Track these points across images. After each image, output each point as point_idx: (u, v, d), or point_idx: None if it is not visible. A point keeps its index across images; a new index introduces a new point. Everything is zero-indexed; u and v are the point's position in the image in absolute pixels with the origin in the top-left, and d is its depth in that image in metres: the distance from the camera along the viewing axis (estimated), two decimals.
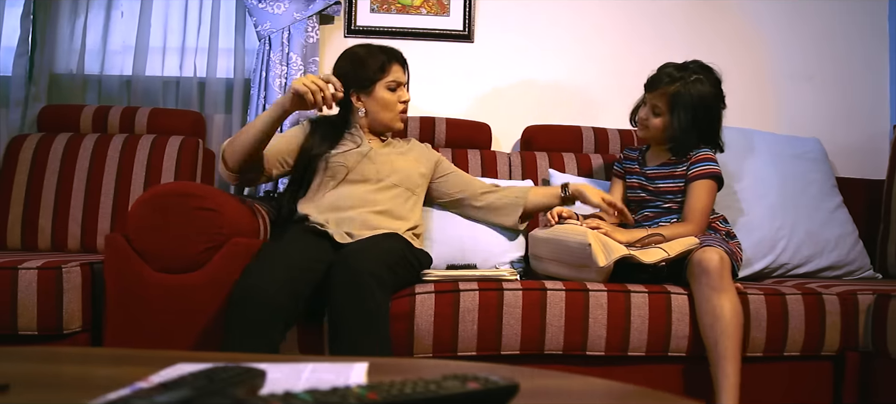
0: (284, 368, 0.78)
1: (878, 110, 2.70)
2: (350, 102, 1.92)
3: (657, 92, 1.93)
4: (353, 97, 1.91)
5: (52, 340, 1.66)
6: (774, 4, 2.67)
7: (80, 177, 2.23)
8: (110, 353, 0.92)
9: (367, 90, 1.91)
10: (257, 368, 0.71)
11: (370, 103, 1.91)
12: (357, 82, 1.90)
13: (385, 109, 1.91)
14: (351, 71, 1.89)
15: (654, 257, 1.68)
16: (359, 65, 1.89)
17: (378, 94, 1.90)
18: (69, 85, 2.51)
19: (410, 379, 0.66)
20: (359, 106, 1.91)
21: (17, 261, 1.67)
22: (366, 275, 1.41)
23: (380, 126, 1.94)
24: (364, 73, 1.89)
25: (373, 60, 1.89)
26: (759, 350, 1.68)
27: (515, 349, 1.63)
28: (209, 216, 1.65)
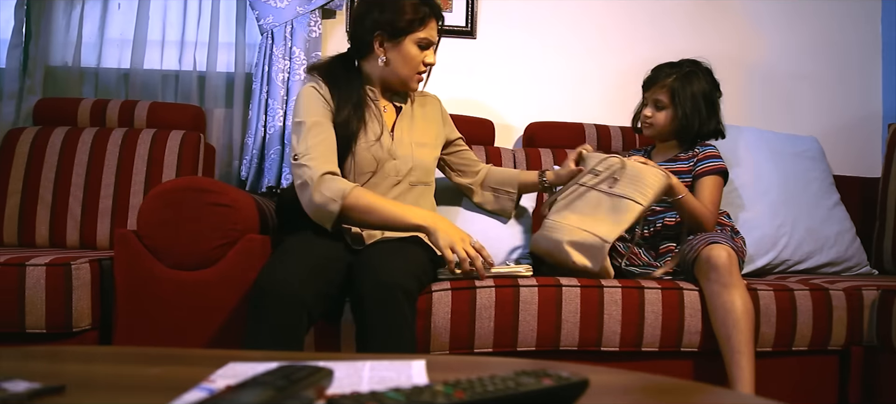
0: (343, 366, 0.78)
1: (870, 109, 2.75)
2: (367, 47, 1.72)
3: (657, 86, 1.99)
4: (375, 42, 1.70)
5: (60, 338, 1.63)
6: (773, 5, 2.71)
7: (79, 172, 2.19)
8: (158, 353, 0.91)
9: (395, 40, 1.68)
10: (325, 367, 0.70)
11: (394, 55, 1.70)
12: (386, 27, 1.67)
13: (407, 65, 1.70)
14: (381, 14, 1.67)
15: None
16: (393, 8, 1.66)
17: (406, 48, 1.69)
18: (65, 77, 2.46)
19: (487, 377, 0.67)
20: (380, 54, 1.70)
21: (24, 257, 1.64)
22: (396, 290, 1.39)
23: (395, 81, 1.75)
24: (397, 20, 1.66)
25: (411, 8, 1.66)
26: (768, 345, 1.71)
27: (531, 345, 1.64)
28: (224, 212, 1.63)
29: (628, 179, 1.73)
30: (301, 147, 1.60)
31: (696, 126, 1.96)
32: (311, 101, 1.67)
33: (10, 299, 1.59)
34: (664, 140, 2.04)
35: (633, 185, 1.72)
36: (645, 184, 1.71)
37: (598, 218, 1.72)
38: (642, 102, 2.07)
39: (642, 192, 1.70)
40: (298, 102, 1.70)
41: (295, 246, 1.54)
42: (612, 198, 1.73)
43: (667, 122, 1.98)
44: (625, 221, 1.70)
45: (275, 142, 2.33)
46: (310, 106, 1.66)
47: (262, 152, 2.35)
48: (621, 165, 1.75)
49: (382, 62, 1.71)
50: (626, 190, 1.72)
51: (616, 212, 1.71)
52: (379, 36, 1.70)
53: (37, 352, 0.92)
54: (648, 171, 1.74)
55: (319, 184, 1.54)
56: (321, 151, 1.60)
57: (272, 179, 2.31)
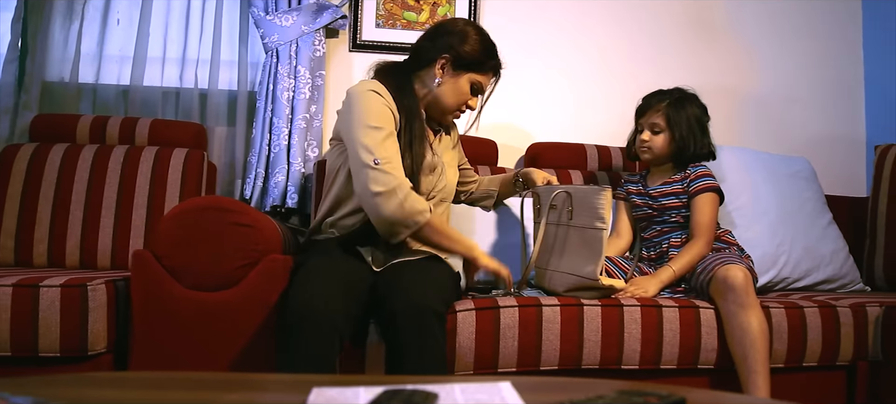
0: (433, 389, 0.78)
1: (854, 132, 2.85)
2: (428, 63, 1.77)
3: (651, 112, 2.06)
4: (439, 62, 1.75)
5: (75, 363, 1.59)
6: (765, 33, 2.79)
7: (79, 190, 2.15)
8: (230, 378, 0.89)
9: (457, 70, 1.75)
10: (430, 390, 0.71)
11: (449, 82, 1.76)
12: (455, 55, 1.74)
13: (455, 97, 1.77)
14: (458, 42, 1.75)
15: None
16: (467, 42, 1.75)
17: (461, 81, 1.76)
18: (62, 93, 2.41)
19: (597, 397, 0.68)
20: (437, 74, 1.75)
21: (37, 278, 1.59)
22: (429, 314, 1.40)
23: (438, 109, 1.80)
24: (468, 54, 1.74)
25: (485, 54, 1.77)
26: (780, 361, 1.75)
27: (554, 364, 1.65)
28: (245, 232, 1.61)
29: (579, 207, 1.73)
30: (382, 152, 1.59)
31: (692, 148, 2.01)
32: (383, 109, 1.66)
33: (23, 322, 1.54)
34: (660, 163, 2.09)
35: (587, 213, 1.71)
36: (594, 207, 1.69)
37: (576, 254, 1.73)
38: (636, 129, 2.13)
39: (598, 216, 1.68)
40: (367, 105, 1.65)
41: (320, 267, 1.52)
42: (577, 230, 1.74)
43: (664, 146, 2.04)
44: (599, 251, 1.68)
45: (280, 161, 2.31)
46: (383, 114, 1.65)
47: (266, 171, 2.33)
48: (567, 195, 1.77)
49: (437, 83, 1.76)
50: (583, 219, 1.72)
51: (587, 244, 1.71)
52: (445, 58, 1.76)
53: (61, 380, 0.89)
54: (590, 192, 1.71)
55: (410, 195, 1.58)
56: (399, 164, 1.61)
57: (277, 199, 2.30)
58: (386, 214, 1.57)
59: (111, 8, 2.47)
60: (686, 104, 2.05)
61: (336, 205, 1.76)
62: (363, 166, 1.59)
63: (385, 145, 1.61)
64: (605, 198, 1.67)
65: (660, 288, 1.84)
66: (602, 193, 1.67)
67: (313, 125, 2.39)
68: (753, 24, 2.80)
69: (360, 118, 1.64)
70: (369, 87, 1.70)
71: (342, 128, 1.72)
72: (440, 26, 1.83)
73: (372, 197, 1.57)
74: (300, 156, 2.33)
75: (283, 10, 2.38)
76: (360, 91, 1.69)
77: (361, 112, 1.65)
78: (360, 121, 1.63)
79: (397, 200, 1.56)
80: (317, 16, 2.41)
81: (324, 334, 1.34)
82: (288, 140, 2.34)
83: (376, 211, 1.58)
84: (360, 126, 1.63)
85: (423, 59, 1.80)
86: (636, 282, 1.84)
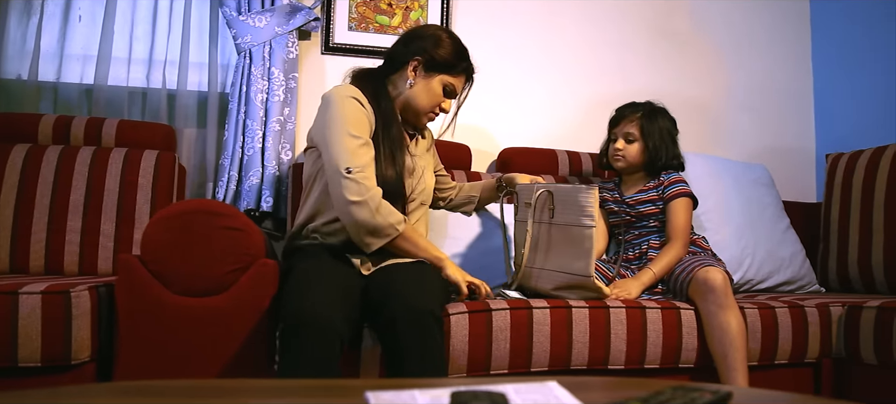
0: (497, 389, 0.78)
1: (804, 140, 3.00)
2: (400, 66, 1.80)
3: (625, 122, 2.14)
4: (411, 65, 1.78)
5: (57, 373, 1.52)
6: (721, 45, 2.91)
7: (43, 193, 2.06)
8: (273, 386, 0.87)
9: (428, 72, 1.78)
10: (496, 391, 0.72)
11: (421, 84, 1.79)
12: (426, 57, 1.77)
13: (427, 98, 1.79)
14: (430, 45, 1.78)
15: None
16: (438, 44, 1.78)
17: (433, 83, 1.79)
18: (20, 92, 2.31)
19: (655, 393, 0.70)
20: (410, 76, 1.78)
21: (14, 284, 1.52)
22: (428, 317, 1.41)
23: (411, 110, 1.82)
24: (438, 57, 1.77)
25: (456, 56, 1.80)
26: (754, 359, 1.82)
27: (544, 366, 1.68)
28: (236, 236, 1.59)
29: (563, 205, 1.76)
30: (357, 160, 1.59)
31: (663, 158, 2.09)
32: (360, 116, 1.67)
33: (2, 331, 1.47)
34: (633, 172, 2.16)
35: (572, 211, 1.74)
36: (579, 205, 1.72)
37: (563, 252, 1.76)
38: (609, 138, 2.19)
39: (586, 213, 1.71)
40: (344, 111, 1.65)
41: (316, 273, 1.51)
42: (561, 228, 1.76)
43: (637, 155, 2.11)
44: (588, 248, 1.71)
45: (254, 164, 2.27)
46: (360, 121, 1.66)
47: (239, 174, 2.28)
48: (548, 194, 1.79)
49: (409, 85, 1.78)
50: (568, 217, 1.75)
51: (574, 242, 1.73)
52: (416, 61, 1.79)
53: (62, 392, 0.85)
54: (575, 191, 1.73)
55: (382, 206, 1.59)
56: (372, 173, 1.61)
57: (252, 202, 2.25)
58: (359, 221, 1.58)
59: (72, 4, 2.37)
60: (658, 116, 2.13)
61: (316, 212, 1.76)
62: (337, 173, 1.60)
63: (359, 153, 1.62)
64: (592, 197, 1.70)
65: (642, 290, 1.90)
66: (590, 192, 1.71)
67: (286, 128, 2.36)
68: (713, 33, 2.91)
69: (337, 124, 1.65)
70: (347, 93, 1.70)
71: (317, 133, 1.72)
72: (413, 31, 1.87)
73: (346, 204, 1.59)
74: (274, 159, 2.30)
75: (256, 10, 2.34)
76: (336, 96, 1.69)
77: (338, 118, 1.65)
78: (337, 128, 1.64)
79: (369, 210, 1.58)
80: (290, 17, 2.38)
81: (327, 339, 1.33)
82: (262, 142, 2.30)
83: (350, 218, 1.59)
84: (336, 132, 1.64)
85: (396, 62, 1.83)
86: (619, 284, 1.89)
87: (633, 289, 1.87)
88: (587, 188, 1.71)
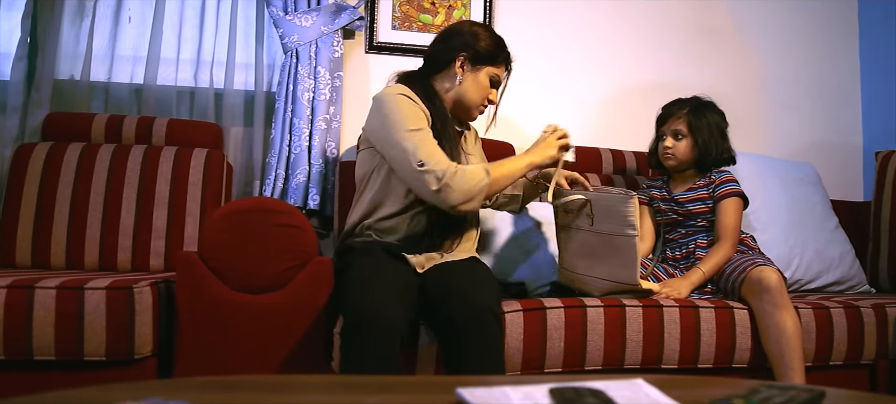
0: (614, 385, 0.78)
1: (851, 137, 2.95)
2: (446, 64, 1.83)
3: (673, 119, 2.11)
4: (457, 62, 1.81)
5: (121, 367, 1.55)
6: (765, 36, 2.88)
7: (97, 190, 2.10)
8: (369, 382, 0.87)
9: (475, 66, 1.82)
10: (598, 388, 0.72)
11: (470, 78, 1.82)
12: (471, 52, 1.81)
13: (477, 92, 1.83)
14: (471, 39, 1.81)
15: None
16: (479, 39, 1.82)
17: (481, 76, 1.82)
18: (72, 92, 2.35)
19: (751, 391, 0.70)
20: (458, 73, 1.81)
21: (80, 280, 1.56)
22: (488, 315, 1.42)
23: (462, 106, 1.84)
24: (482, 48, 1.81)
25: (496, 46, 1.84)
26: (809, 360, 1.80)
27: (598, 364, 1.67)
28: (293, 233, 1.61)
29: (603, 214, 1.72)
30: (423, 154, 1.60)
31: (714, 153, 2.07)
32: (415, 110, 1.69)
33: (68, 325, 1.51)
34: (683, 170, 2.14)
35: (614, 221, 1.70)
36: (620, 214, 1.68)
37: (609, 261, 1.73)
38: (658, 137, 2.17)
39: (627, 223, 1.68)
40: (401, 108, 1.67)
41: (375, 271, 1.51)
42: (604, 237, 1.73)
43: (687, 151, 2.09)
44: (633, 257, 1.69)
45: (301, 162, 2.29)
46: (416, 115, 1.67)
47: (286, 172, 2.31)
48: (585, 202, 1.75)
49: (459, 81, 1.81)
50: (609, 226, 1.71)
51: (619, 251, 1.70)
52: (462, 57, 1.81)
53: (214, 384, 0.87)
54: (615, 201, 1.70)
55: (460, 174, 1.59)
56: (440, 152, 1.63)
57: (299, 200, 2.28)
58: (453, 203, 1.59)
59: (123, 6, 2.41)
60: (706, 111, 2.11)
61: (373, 208, 1.76)
62: (412, 172, 1.61)
63: (425, 143, 1.63)
64: (633, 206, 1.67)
65: (691, 289, 1.88)
66: (629, 201, 1.67)
67: (332, 126, 2.38)
68: (755, 29, 2.87)
69: (397, 123, 1.65)
70: (398, 90, 1.72)
71: (374, 133, 1.73)
72: (448, 30, 1.90)
73: (433, 196, 1.59)
74: (321, 158, 2.32)
75: (302, 10, 2.36)
76: (389, 95, 1.70)
77: (397, 116, 1.66)
78: (398, 127, 1.65)
79: (453, 188, 1.58)
80: (335, 16, 2.39)
81: (388, 336, 1.34)
82: (308, 141, 2.32)
83: (444, 205, 1.60)
84: (398, 132, 1.64)
85: (439, 62, 1.84)
86: (669, 284, 1.88)
87: (683, 288, 1.86)
88: (626, 197, 1.67)
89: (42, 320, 1.50)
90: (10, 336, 1.49)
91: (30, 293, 1.51)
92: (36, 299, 1.51)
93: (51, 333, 1.50)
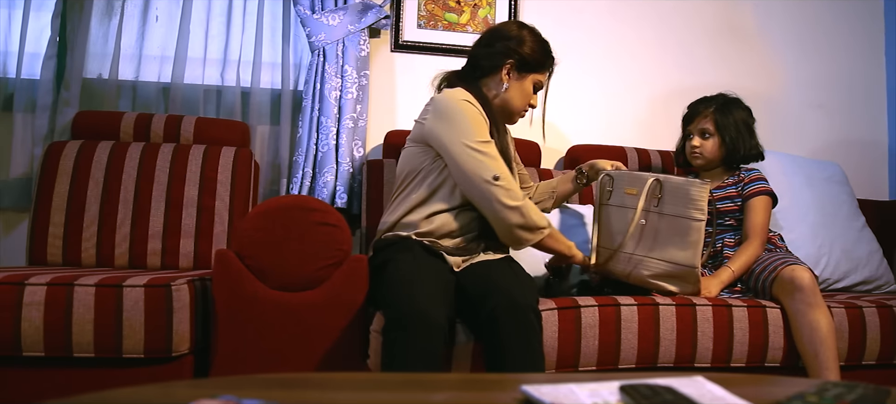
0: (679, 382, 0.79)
1: (876, 136, 2.94)
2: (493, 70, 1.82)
3: (700, 118, 2.11)
4: (505, 68, 1.81)
5: (159, 364, 1.56)
6: (789, 35, 2.87)
7: (127, 189, 2.11)
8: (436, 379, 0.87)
9: (522, 73, 1.82)
10: (668, 385, 0.72)
11: (516, 85, 1.82)
12: (519, 59, 1.81)
13: (522, 99, 1.84)
14: (517, 45, 1.81)
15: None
16: (526, 45, 1.82)
17: (526, 83, 1.83)
18: (100, 90, 2.37)
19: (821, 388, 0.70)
20: (505, 80, 1.81)
21: (119, 277, 1.57)
22: (529, 312, 1.43)
23: (507, 112, 1.85)
24: (530, 57, 1.81)
25: (542, 53, 1.84)
26: (841, 360, 1.79)
27: (632, 363, 1.68)
28: (331, 231, 1.61)
29: (672, 196, 1.73)
30: (500, 168, 1.65)
31: (742, 150, 2.07)
32: (480, 121, 1.70)
33: (107, 323, 1.52)
34: (711, 168, 2.14)
35: (681, 202, 1.71)
36: (691, 198, 1.69)
37: (668, 241, 1.73)
38: (685, 135, 2.17)
39: (697, 207, 1.68)
40: (472, 118, 1.67)
41: (411, 269, 1.51)
42: (667, 219, 1.74)
43: (714, 149, 2.09)
44: (696, 241, 1.70)
45: (329, 160, 2.30)
46: (482, 126, 1.69)
47: (314, 171, 2.31)
48: (658, 183, 1.76)
49: (505, 88, 1.81)
50: (677, 208, 1.72)
51: (681, 233, 1.71)
52: (510, 63, 1.81)
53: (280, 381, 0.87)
54: (687, 184, 1.71)
55: (531, 208, 1.67)
56: (513, 178, 1.70)
57: (326, 199, 2.28)
58: (514, 223, 1.65)
59: (150, 5, 2.43)
60: (732, 108, 2.11)
61: (417, 204, 1.72)
62: (484, 182, 1.63)
63: (498, 160, 1.67)
64: (704, 191, 1.69)
65: (721, 287, 1.88)
66: (703, 187, 1.69)
67: (358, 125, 2.38)
68: (778, 29, 2.87)
69: (466, 132, 1.66)
70: (462, 96, 1.72)
71: (437, 135, 1.69)
72: (495, 32, 1.88)
73: (502, 208, 1.63)
74: (348, 156, 2.33)
75: (329, 8, 2.37)
76: (457, 100, 1.70)
77: (467, 125, 1.67)
78: (467, 135, 1.66)
79: (522, 213, 1.64)
80: (362, 15, 2.40)
81: (432, 334, 1.35)
82: (336, 139, 2.33)
83: (506, 220, 1.64)
84: (468, 140, 1.65)
85: (485, 67, 1.84)
86: None
87: (713, 287, 1.86)
88: (698, 182, 1.70)
89: (81, 317, 1.51)
90: (51, 333, 1.51)
91: (69, 290, 1.52)
92: (75, 296, 1.52)
93: (90, 330, 1.51)
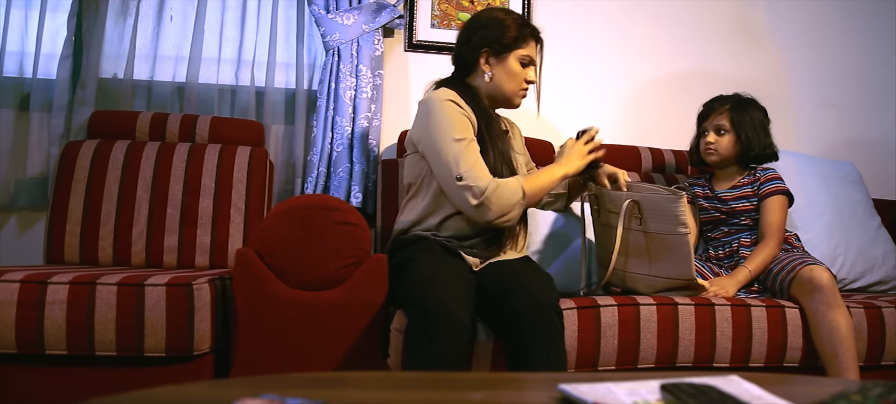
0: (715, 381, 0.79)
1: (886, 134, 2.93)
2: (473, 64, 1.81)
3: (715, 115, 2.11)
4: (482, 58, 1.79)
5: (179, 363, 1.57)
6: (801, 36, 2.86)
7: (143, 188, 2.12)
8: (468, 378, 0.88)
9: (500, 56, 1.78)
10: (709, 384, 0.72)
11: (499, 70, 1.79)
12: (492, 44, 1.78)
13: (511, 81, 1.79)
14: (487, 32, 1.78)
15: None
16: (497, 26, 1.78)
17: (510, 63, 1.78)
18: (116, 90, 2.37)
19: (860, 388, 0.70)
20: (486, 70, 1.79)
21: (140, 277, 1.57)
22: (552, 311, 1.44)
23: (501, 97, 1.82)
24: (502, 37, 1.77)
25: (515, 27, 1.78)
26: (860, 360, 1.79)
27: (650, 362, 1.68)
28: (351, 231, 1.62)
29: (652, 214, 1.71)
30: (463, 166, 1.61)
31: (756, 149, 2.07)
32: (461, 117, 1.68)
33: (129, 321, 1.52)
34: (725, 166, 2.14)
35: (663, 219, 1.69)
36: (671, 214, 1.67)
37: (661, 258, 1.73)
38: (699, 133, 2.17)
39: (679, 221, 1.67)
40: (446, 114, 1.66)
41: (431, 267, 1.51)
42: (653, 237, 1.72)
43: (729, 147, 2.09)
44: (687, 253, 1.69)
45: (343, 159, 2.30)
46: (461, 122, 1.67)
47: (328, 170, 2.32)
48: (634, 204, 1.73)
49: (488, 77, 1.79)
50: (660, 225, 1.70)
51: (672, 249, 1.70)
52: (485, 52, 1.79)
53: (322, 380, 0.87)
54: (664, 201, 1.68)
55: (498, 192, 1.60)
56: (482, 165, 1.64)
57: (341, 198, 2.29)
58: (489, 218, 1.62)
59: (165, 5, 2.43)
60: (748, 107, 2.11)
61: (426, 215, 1.74)
62: (451, 184, 1.63)
63: (467, 152, 1.63)
64: (682, 205, 1.66)
65: (738, 287, 1.88)
66: (679, 201, 1.66)
67: (373, 124, 2.39)
68: (791, 28, 2.86)
69: (442, 130, 1.65)
70: (445, 96, 1.71)
71: (420, 138, 1.72)
72: (467, 27, 1.86)
73: (471, 210, 1.62)
74: (362, 156, 2.33)
75: (343, 8, 2.37)
76: (437, 100, 1.69)
77: (442, 123, 1.66)
78: (443, 135, 1.65)
79: (489, 204, 1.60)
80: (376, 15, 2.40)
81: (457, 334, 1.35)
82: (350, 139, 2.33)
83: (481, 219, 1.63)
84: (441, 140, 1.65)
85: (467, 63, 1.83)
86: (715, 282, 1.87)
87: (730, 287, 1.86)
88: (675, 197, 1.67)
89: (103, 316, 1.52)
90: (73, 332, 1.51)
91: (92, 289, 1.53)
92: (97, 295, 1.52)
93: (112, 329, 1.51)
